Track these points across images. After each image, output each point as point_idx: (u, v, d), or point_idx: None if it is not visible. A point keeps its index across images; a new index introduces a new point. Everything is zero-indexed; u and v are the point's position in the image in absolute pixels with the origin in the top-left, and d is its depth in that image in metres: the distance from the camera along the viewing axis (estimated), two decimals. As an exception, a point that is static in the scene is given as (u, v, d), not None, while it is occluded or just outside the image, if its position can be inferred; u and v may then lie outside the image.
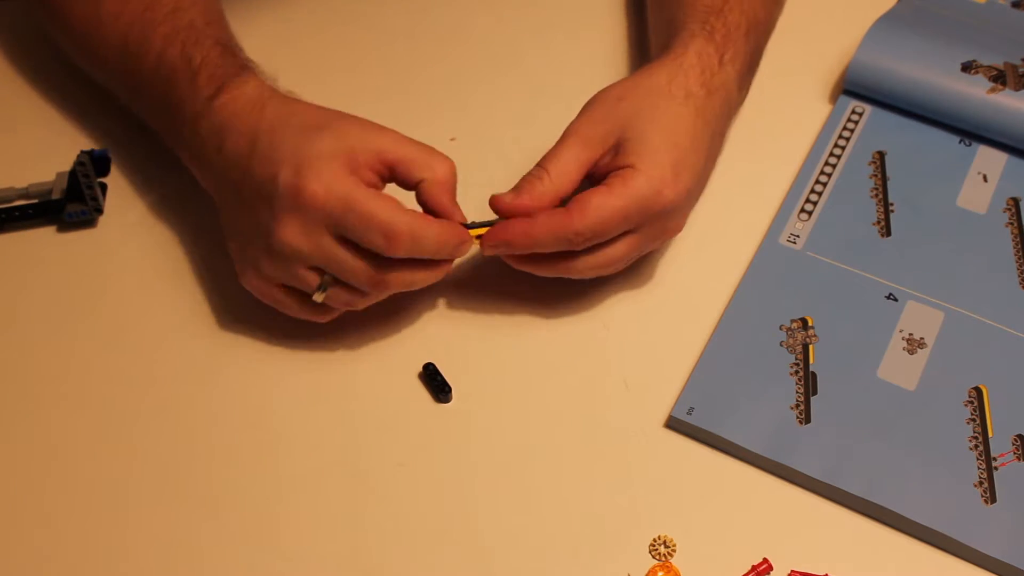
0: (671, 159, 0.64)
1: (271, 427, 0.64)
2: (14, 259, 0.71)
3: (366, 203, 0.60)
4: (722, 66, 0.69)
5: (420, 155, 0.63)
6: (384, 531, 0.61)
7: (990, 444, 0.63)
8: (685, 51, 0.69)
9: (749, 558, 0.60)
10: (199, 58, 0.67)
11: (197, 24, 0.70)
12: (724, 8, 0.72)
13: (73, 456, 0.63)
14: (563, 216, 0.63)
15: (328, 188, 0.60)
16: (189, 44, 0.68)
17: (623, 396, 0.66)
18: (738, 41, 0.71)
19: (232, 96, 0.65)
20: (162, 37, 0.69)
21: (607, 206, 0.63)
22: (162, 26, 0.70)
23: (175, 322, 0.68)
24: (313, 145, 0.61)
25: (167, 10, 0.70)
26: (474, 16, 0.86)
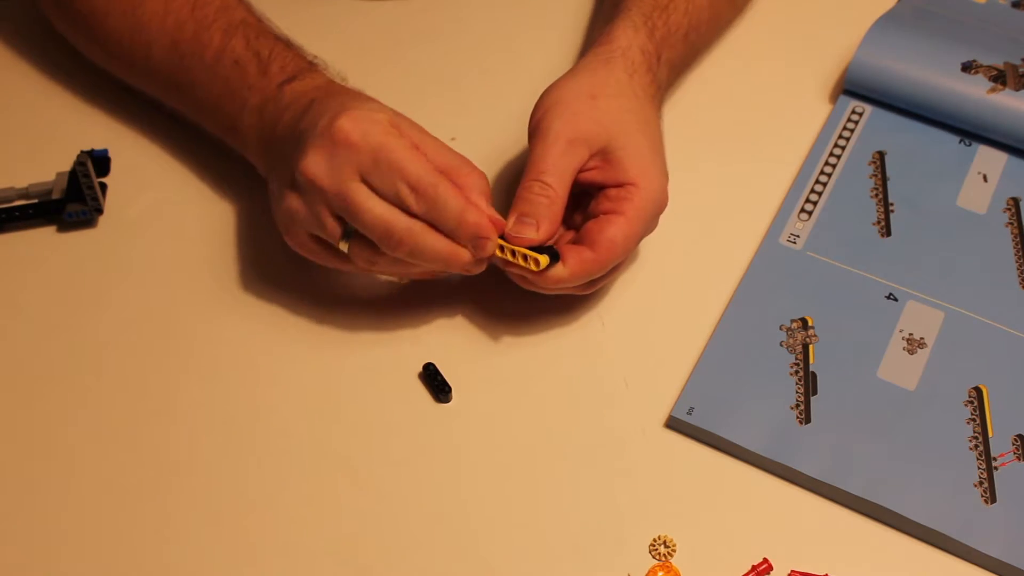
0: (659, 165, 0.66)
1: (271, 427, 0.64)
2: (14, 259, 0.71)
3: (399, 151, 0.60)
4: (659, 66, 0.71)
5: (456, 161, 0.63)
6: (384, 531, 0.61)
7: (990, 444, 0.63)
8: (630, 46, 0.69)
9: (749, 558, 0.60)
10: (267, 51, 0.68)
11: (251, 21, 0.71)
12: (669, 6, 0.72)
13: (73, 456, 0.63)
14: (592, 258, 0.63)
15: (364, 133, 0.60)
16: (252, 38, 0.69)
17: (623, 396, 0.66)
18: (677, 44, 0.72)
19: (303, 82, 0.66)
20: (221, 32, 0.70)
21: (630, 236, 0.64)
22: (217, 22, 0.70)
23: (175, 322, 0.68)
24: (360, 101, 0.62)
25: (216, 7, 0.71)
26: (474, 16, 0.86)
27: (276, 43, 0.70)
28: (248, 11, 0.72)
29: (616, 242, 0.63)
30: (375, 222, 0.60)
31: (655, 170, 0.65)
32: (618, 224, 0.63)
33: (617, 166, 0.65)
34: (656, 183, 0.65)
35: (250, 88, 0.68)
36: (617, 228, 0.63)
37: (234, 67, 0.69)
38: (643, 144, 0.65)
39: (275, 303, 0.69)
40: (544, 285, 0.63)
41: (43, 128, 0.78)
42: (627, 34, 0.70)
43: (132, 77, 0.75)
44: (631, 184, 0.64)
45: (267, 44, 0.69)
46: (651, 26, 0.71)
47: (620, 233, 0.63)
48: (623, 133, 0.65)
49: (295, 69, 0.68)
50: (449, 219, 0.61)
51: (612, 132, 0.65)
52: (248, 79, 0.68)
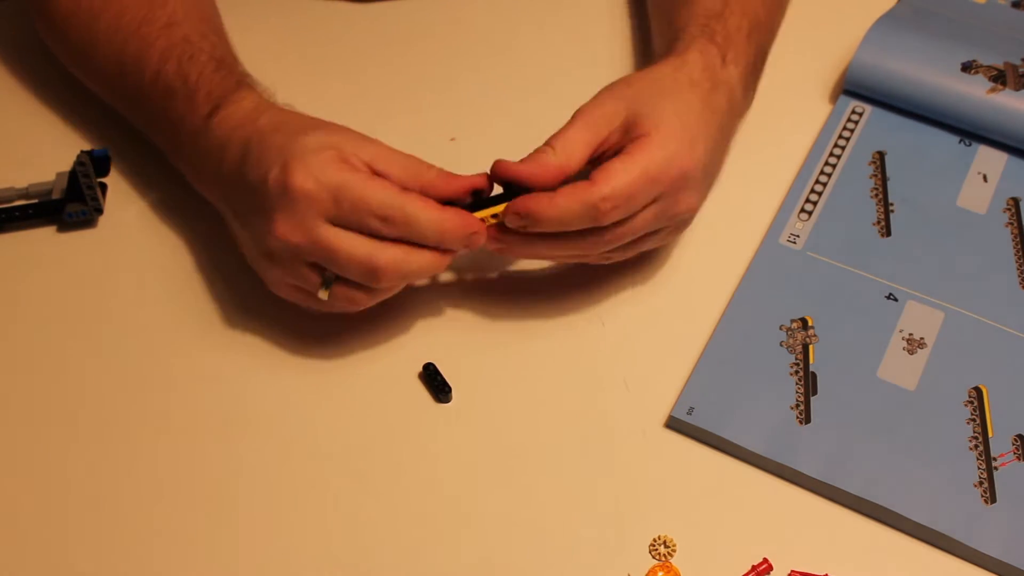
0: (684, 130, 0.64)
1: (271, 426, 0.64)
2: (14, 259, 0.71)
3: (358, 186, 0.59)
4: (725, 65, 0.69)
5: (412, 166, 0.62)
6: (384, 530, 0.61)
7: (990, 444, 0.63)
8: (687, 49, 0.68)
9: (749, 558, 0.60)
10: (195, 76, 0.67)
11: (192, 38, 0.70)
12: (724, 12, 0.72)
13: (73, 456, 0.63)
14: (588, 185, 0.61)
15: (317, 179, 0.59)
16: (184, 60, 0.68)
17: (623, 396, 0.66)
18: (739, 43, 0.71)
19: (228, 112, 0.65)
20: (158, 53, 0.69)
21: (630, 169, 0.61)
22: (158, 41, 0.70)
23: (175, 322, 0.68)
24: (301, 142, 0.61)
25: (161, 24, 0.70)
26: (475, 16, 0.86)
27: (206, 65, 0.68)
28: (195, 25, 0.71)
29: (612, 173, 0.61)
30: (356, 262, 0.60)
31: (674, 130, 0.63)
32: (619, 159, 0.62)
33: (633, 128, 0.63)
34: (673, 138, 0.63)
35: (180, 119, 0.67)
36: (618, 161, 0.62)
37: (166, 94, 0.68)
38: (665, 110, 0.64)
39: (275, 303, 0.69)
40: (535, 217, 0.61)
41: (43, 128, 0.78)
42: (685, 43, 0.69)
43: (97, 90, 0.76)
44: (643, 135, 0.63)
45: (196, 67, 0.68)
46: (710, 33, 0.70)
47: (619, 163, 0.61)
48: (645, 103, 0.64)
49: (220, 95, 0.66)
50: (430, 235, 0.60)
51: (634, 105, 0.64)
52: (178, 108, 0.68)
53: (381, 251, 0.60)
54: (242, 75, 0.69)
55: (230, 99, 0.66)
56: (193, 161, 0.68)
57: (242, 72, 0.69)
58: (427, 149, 0.68)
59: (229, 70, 0.69)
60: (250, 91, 0.67)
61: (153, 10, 0.71)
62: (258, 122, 0.64)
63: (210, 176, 0.67)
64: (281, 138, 0.62)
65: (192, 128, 0.66)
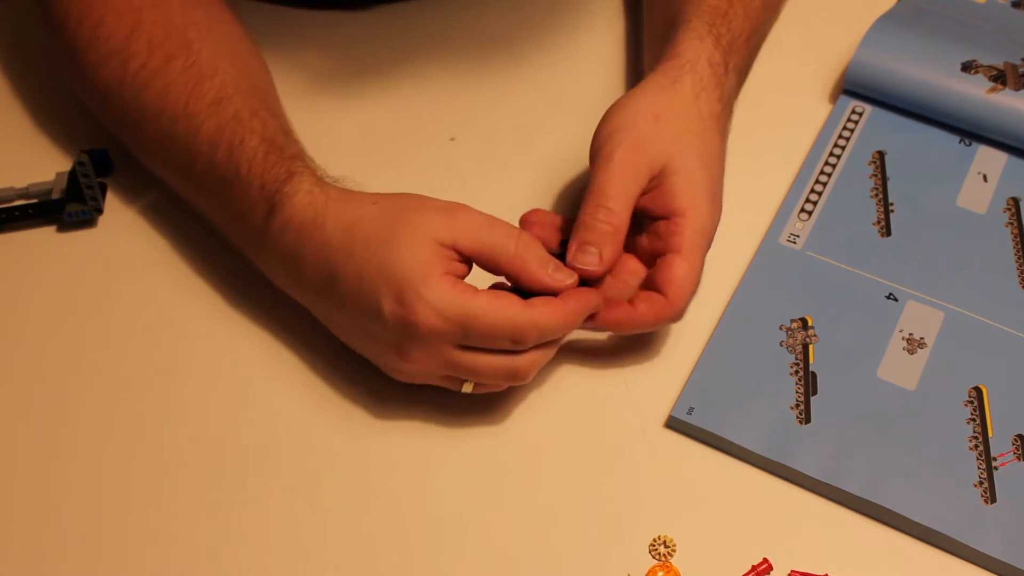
0: (710, 194, 0.65)
1: (270, 426, 0.64)
2: (14, 259, 0.71)
3: (485, 317, 0.58)
4: (727, 74, 0.69)
5: (498, 244, 0.60)
6: (383, 530, 0.61)
7: (990, 444, 0.63)
8: (697, 58, 0.68)
9: (749, 558, 0.60)
10: (246, 167, 0.64)
11: (243, 115, 0.66)
12: (729, 12, 0.71)
13: (73, 456, 0.63)
14: (665, 304, 0.62)
15: (440, 313, 0.58)
16: (236, 146, 0.65)
17: (623, 396, 0.66)
18: (741, 49, 0.71)
19: (287, 217, 0.62)
20: (208, 138, 0.65)
21: (691, 272, 0.63)
22: (207, 122, 0.66)
23: (175, 322, 0.68)
24: (398, 261, 0.58)
25: (209, 100, 0.66)
26: (475, 16, 0.86)
27: (257, 149, 0.64)
28: (245, 99, 0.67)
29: (681, 282, 0.62)
30: (497, 375, 0.60)
31: (705, 198, 0.64)
32: (678, 265, 0.63)
33: (668, 192, 0.64)
34: (704, 213, 0.64)
35: (239, 217, 0.65)
36: (678, 269, 0.63)
37: (221, 185, 0.65)
38: (697, 171, 0.64)
39: (274, 302, 0.69)
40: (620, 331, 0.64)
41: (43, 128, 0.78)
42: (693, 46, 0.68)
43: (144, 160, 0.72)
44: (678, 215, 0.63)
45: (246, 155, 0.64)
46: (716, 34, 0.69)
47: (680, 272, 0.62)
48: (679, 157, 0.64)
49: (272, 189, 0.63)
50: (560, 333, 0.61)
51: (670, 154, 0.64)
52: (234, 204, 0.64)
53: (518, 359, 0.60)
54: (293, 156, 0.65)
55: (283, 194, 0.62)
56: (264, 261, 0.65)
57: (293, 152, 0.65)
58: (427, 149, 0.69)
59: (279, 152, 0.64)
60: (301, 179, 0.63)
61: (201, 83, 0.67)
62: (326, 231, 0.61)
63: (288, 284, 0.65)
64: (370, 257, 0.59)
65: (253, 230, 0.64)
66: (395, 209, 0.61)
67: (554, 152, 0.78)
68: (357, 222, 0.60)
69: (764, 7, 0.75)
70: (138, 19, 0.69)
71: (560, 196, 0.75)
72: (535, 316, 0.58)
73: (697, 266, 0.63)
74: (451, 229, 0.60)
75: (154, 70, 0.68)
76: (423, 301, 0.58)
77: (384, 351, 0.61)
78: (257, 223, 0.63)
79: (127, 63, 0.68)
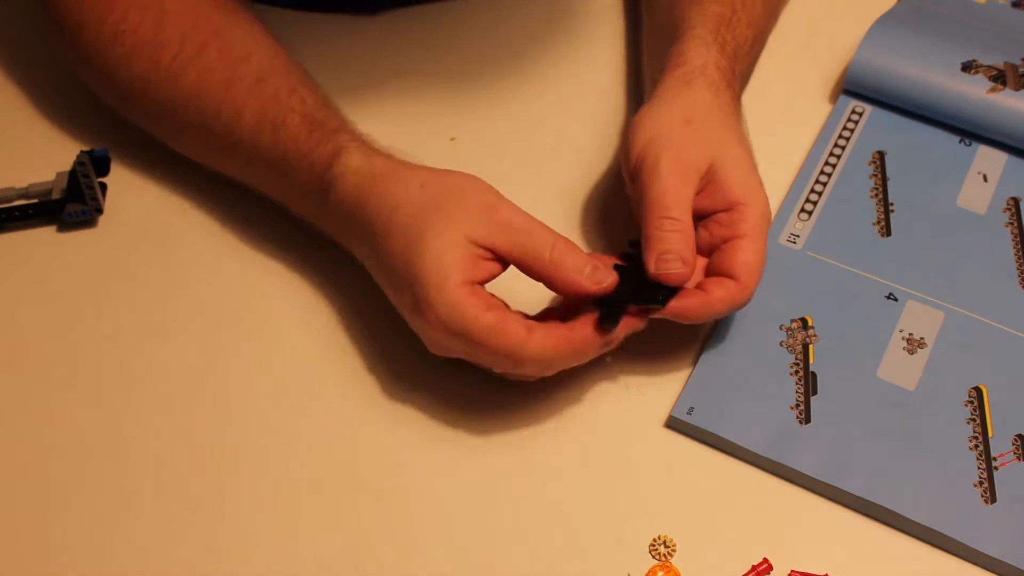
0: (756, 179, 0.65)
1: (269, 426, 0.64)
2: (14, 259, 0.71)
3: (483, 343, 0.58)
4: (734, 79, 0.70)
5: (534, 249, 0.60)
6: (384, 531, 0.61)
7: (990, 444, 0.63)
8: (705, 64, 0.68)
9: (749, 558, 0.60)
10: (292, 150, 0.65)
11: (281, 95, 0.67)
12: (733, 19, 0.72)
13: (72, 456, 0.63)
14: (737, 288, 0.62)
15: (445, 325, 0.58)
16: (279, 128, 0.66)
17: (623, 396, 0.66)
18: (746, 56, 0.72)
19: (339, 198, 0.63)
20: (252, 121, 0.67)
21: (760, 255, 0.63)
22: (249, 106, 0.67)
23: (175, 322, 0.68)
24: (422, 261, 0.59)
25: (249, 82, 0.67)
26: (474, 16, 0.86)
27: (300, 128, 0.65)
28: (284, 77, 0.68)
29: (753, 265, 0.63)
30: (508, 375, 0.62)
31: (758, 183, 0.65)
32: (747, 248, 0.63)
33: (722, 186, 0.64)
34: (763, 197, 0.64)
35: (292, 192, 0.66)
36: (748, 252, 0.63)
37: (268, 169, 0.67)
38: (744, 160, 0.65)
39: (274, 303, 0.69)
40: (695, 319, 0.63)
41: (43, 128, 0.78)
42: (700, 52, 0.69)
43: (184, 150, 0.73)
44: (740, 204, 0.63)
45: (291, 135, 0.65)
46: (721, 41, 0.70)
47: (751, 255, 0.63)
48: (723, 151, 0.65)
49: (322, 167, 0.64)
50: (564, 366, 0.61)
51: (714, 152, 0.64)
52: (283, 186, 0.67)
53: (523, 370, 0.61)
54: (336, 130, 0.66)
55: (332, 174, 0.63)
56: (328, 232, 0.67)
57: (336, 126, 0.66)
58: (427, 149, 0.68)
59: (322, 129, 0.65)
60: (348, 156, 0.63)
61: (238, 66, 0.68)
62: (367, 211, 0.62)
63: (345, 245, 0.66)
64: (403, 247, 0.60)
65: (309, 206, 0.66)
66: (437, 197, 0.61)
67: (554, 152, 0.78)
68: (398, 207, 0.61)
69: (766, 13, 0.75)
70: (163, 11, 0.70)
71: (560, 195, 0.75)
72: (535, 349, 0.58)
73: (763, 248, 0.63)
74: (488, 229, 0.60)
75: (189, 57, 0.68)
76: (432, 309, 0.58)
77: (417, 329, 0.62)
78: (314, 200, 0.65)
79: (159, 53, 0.69)
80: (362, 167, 0.63)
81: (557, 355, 0.59)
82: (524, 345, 0.58)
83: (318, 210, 0.66)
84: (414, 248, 0.59)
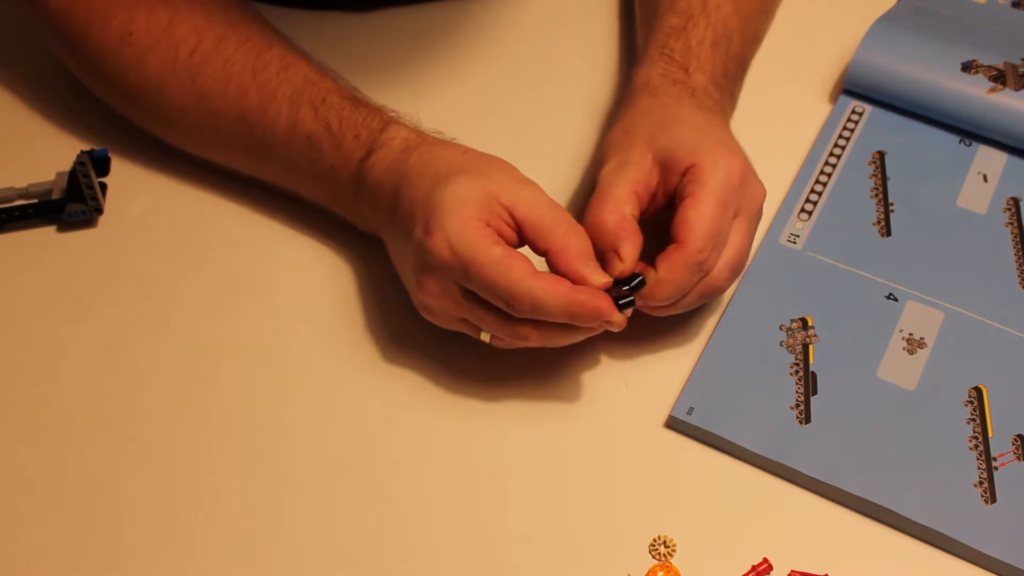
0: (712, 140, 0.64)
1: (268, 426, 0.64)
2: (14, 259, 0.71)
3: (486, 268, 0.58)
4: (690, 75, 0.70)
5: (550, 222, 0.60)
6: (384, 530, 0.61)
7: (990, 444, 0.63)
8: (649, 78, 0.69)
9: (749, 558, 0.60)
10: (336, 121, 0.66)
11: (313, 78, 0.68)
12: (687, 26, 0.72)
13: (72, 456, 0.63)
14: (679, 251, 0.61)
15: (452, 247, 0.59)
16: (319, 105, 0.66)
17: (623, 396, 0.66)
18: (703, 54, 0.72)
19: (381, 155, 0.64)
20: (288, 101, 0.67)
21: (704, 213, 0.61)
22: (281, 87, 0.67)
23: (175, 322, 0.68)
24: (442, 194, 0.60)
25: (276, 68, 0.68)
26: (474, 18, 0.86)
27: (343, 106, 0.67)
28: (308, 65, 0.69)
29: (693, 224, 0.61)
30: (496, 325, 0.61)
31: (706, 145, 0.63)
32: (688, 206, 0.61)
33: (670, 165, 0.63)
34: (714, 155, 0.63)
35: (332, 169, 0.66)
36: (688, 210, 0.61)
37: (309, 144, 0.66)
38: (685, 130, 0.65)
39: (273, 302, 0.69)
40: (654, 302, 0.62)
41: (43, 128, 0.78)
42: (644, 71, 0.70)
43: (201, 149, 0.73)
44: (690, 167, 0.63)
45: (335, 110, 0.66)
46: (668, 52, 0.71)
47: (693, 213, 0.61)
48: (661, 136, 0.64)
49: (368, 138, 0.65)
50: (558, 316, 0.59)
51: (652, 143, 0.64)
52: (326, 159, 0.66)
53: (518, 326, 0.60)
54: (379, 108, 0.67)
55: (380, 140, 0.65)
56: (351, 209, 0.67)
57: (377, 105, 0.68)
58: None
59: (367, 107, 0.67)
60: (398, 127, 0.65)
61: (261, 55, 0.68)
62: (408, 163, 0.63)
63: (368, 220, 0.67)
64: (426, 186, 0.61)
65: (347, 177, 0.66)
66: (476, 161, 0.63)
67: (554, 151, 0.78)
68: (436, 159, 0.63)
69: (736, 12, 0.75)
70: (173, 10, 0.69)
71: (560, 195, 0.75)
72: (534, 287, 0.58)
73: (711, 206, 0.61)
74: (513, 193, 0.61)
75: (208, 50, 0.69)
76: (442, 231, 0.59)
77: (410, 279, 0.63)
78: (352, 170, 0.65)
79: (176, 50, 0.69)
80: (411, 136, 0.65)
81: (554, 304, 0.58)
82: (524, 280, 0.58)
83: (351, 179, 0.66)
84: (440, 184, 0.61)
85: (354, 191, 0.66)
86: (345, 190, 0.67)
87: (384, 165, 0.64)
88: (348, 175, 0.66)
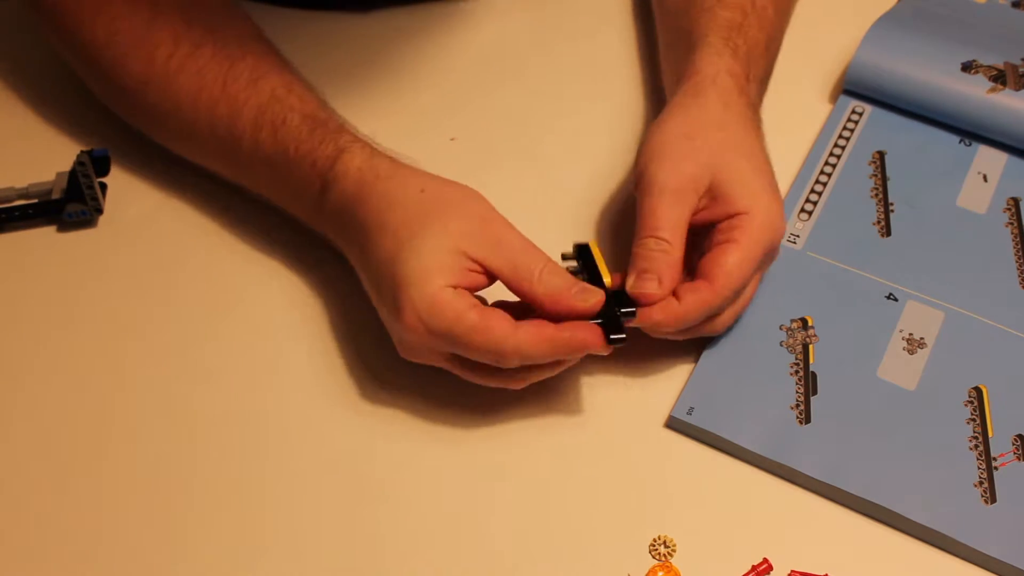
0: (769, 189, 0.64)
1: (268, 426, 0.64)
2: (14, 259, 0.71)
3: (464, 338, 0.58)
4: (749, 84, 0.69)
5: (525, 266, 0.59)
6: (385, 531, 0.61)
7: (990, 444, 0.63)
8: (717, 72, 0.68)
9: (749, 558, 0.60)
10: (293, 147, 0.65)
11: (279, 93, 0.67)
12: (744, 24, 0.71)
13: (72, 456, 0.63)
14: (709, 291, 0.61)
15: (424, 324, 0.58)
16: (279, 126, 0.66)
17: (623, 396, 0.66)
18: (759, 59, 0.71)
19: (337, 193, 0.63)
20: (251, 119, 0.66)
21: (744, 264, 0.62)
22: (247, 103, 0.67)
23: (175, 322, 0.68)
24: (405, 267, 0.59)
25: (245, 80, 0.67)
26: (474, 17, 0.86)
27: (300, 127, 0.65)
28: (278, 77, 0.68)
29: (731, 271, 0.61)
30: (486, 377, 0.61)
31: (765, 195, 0.63)
32: (731, 252, 0.62)
33: (724, 200, 0.63)
34: (767, 208, 0.63)
35: (295, 193, 0.66)
36: (730, 256, 0.62)
37: (269, 167, 0.66)
38: (747, 171, 0.64)
39: (273, 302, 0.69)
40: (666, 328, 0.62)
41: (43, 128, 0.78)
42: (712, 61, 0.68)
43: (184, 152, 0.72)
44: (741, 213, 0.62)
45: (293, 134, 0.65)
46: (733, 47, 0.69)
47: (734, 261, 0.61)
48: (725, 167, 0.64)
49: (323, 167, 0.64)
50: (548, 360, 0.59)
51: (714, 168, 0.63)
52: (289, 184, 0.66)
53: (509, 378, 0.61)
54: (337, 130, 0.66)
55: (333, 173, 0.63)
56: (320, 231, 0.67)
57: (336, 125, 0.66)
58: (427, 149, 0.69)
59: (324, 128, 0.65)
60: (351, 156, 0.64)
61: (234, 66, 0.68)
62: (366, 208, 0.62)
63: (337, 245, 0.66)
64: (388, 248, 0.60)
65: (310, 203, 0.65)
66: (435, 203, 0.61)
67: (554, 152, 0.78)
68: (395, 207, 0.61)
69: (777, 15, 0.75)
70: (154, 11, 0.69)
71: (560, 195, 0.75)
72: (520, 342, 0.58)
73: (750, 258, 0.62)
74: (479, 242, 0.60)
75: (184, 56, 0.68)
76: (413, 309, 0.58)
77: (391, 332, 0.62)
78: (312, 198, 0.65)
79: (154, 53, 0.69)
80: (364, 167, 0.63)
81: (541, 351, 0.58)
82: (508, 339, 0.58)
83: (314, 208, 0.65)
84: (404, 247, 0.59)
85: (318, 218, 0.66)
86: (310, 214, 0.67)
87: (338, 205, 0.63)
88: (310, 201, 0.65)
